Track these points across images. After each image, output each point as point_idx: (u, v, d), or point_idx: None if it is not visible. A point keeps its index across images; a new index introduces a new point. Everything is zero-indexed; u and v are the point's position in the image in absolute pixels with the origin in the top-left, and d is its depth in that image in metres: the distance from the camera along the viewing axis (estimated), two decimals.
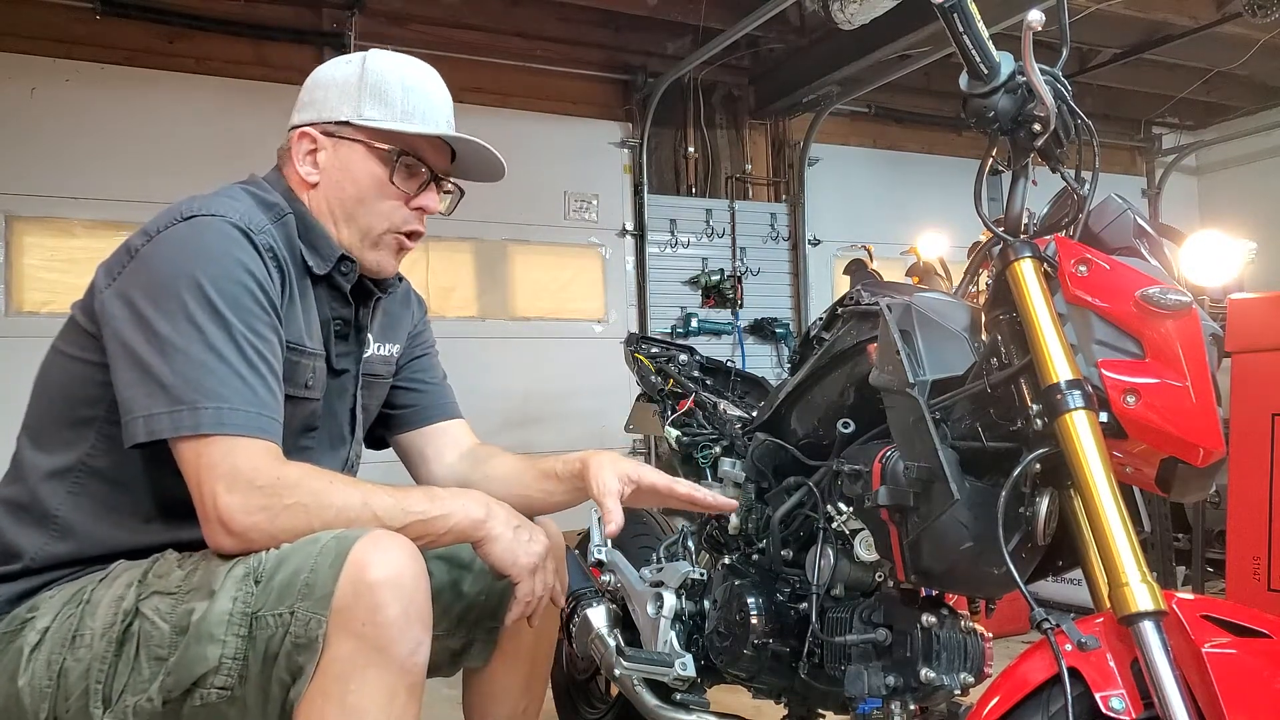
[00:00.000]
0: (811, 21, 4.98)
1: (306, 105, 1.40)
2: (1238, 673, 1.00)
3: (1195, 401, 1.15)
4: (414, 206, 1.41)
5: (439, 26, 4.77)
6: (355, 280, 1.40)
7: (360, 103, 1.37)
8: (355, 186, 1.37)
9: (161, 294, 1.17)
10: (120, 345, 1.18)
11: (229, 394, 1.15)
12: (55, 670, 1.14)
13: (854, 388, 1.51)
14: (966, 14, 1.21)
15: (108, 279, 1.23)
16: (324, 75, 1.41)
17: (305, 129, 1.38)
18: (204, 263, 1.19)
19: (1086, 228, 1.33)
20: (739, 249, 5.53)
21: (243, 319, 1.19)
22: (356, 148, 1.37)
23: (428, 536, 1.22)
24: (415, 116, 1.39)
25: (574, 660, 2.26)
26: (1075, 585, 1.97)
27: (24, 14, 4.10)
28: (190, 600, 1.14)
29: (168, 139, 4.31)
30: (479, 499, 1.27)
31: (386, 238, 1.40)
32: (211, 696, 1.11)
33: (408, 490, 1.25)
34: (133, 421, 1.16)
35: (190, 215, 1.22)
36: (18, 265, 4.12)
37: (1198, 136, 7.00)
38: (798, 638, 1.55)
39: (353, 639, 1.07)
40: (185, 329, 1.16)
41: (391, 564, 1.09)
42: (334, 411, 1.44)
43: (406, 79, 1.40)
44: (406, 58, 1.44)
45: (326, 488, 1.18)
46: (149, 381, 1.15)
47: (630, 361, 2.23)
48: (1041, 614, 1.11)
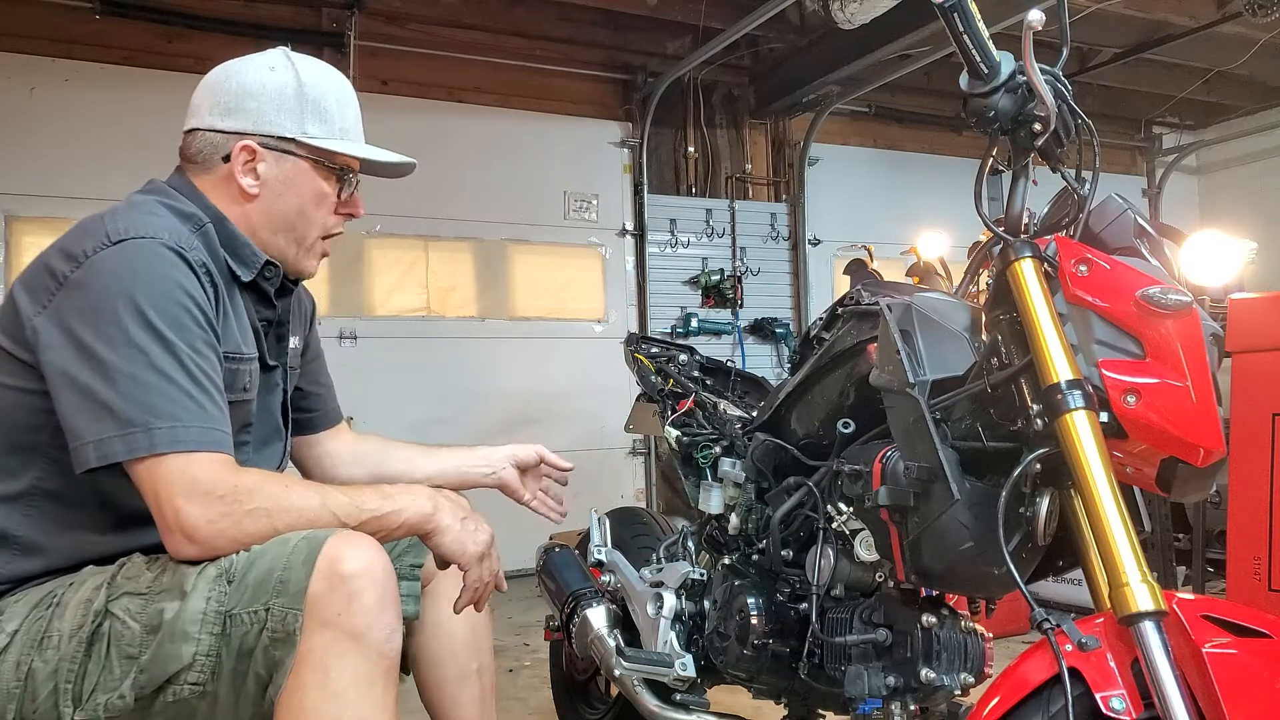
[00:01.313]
0: (811, 21, 4.98)
1: (235, 111, 1.37)
2: (1238, 673, 1.00)
3: (1195, 401, 1.15)
4: (343, 212, 1.46)
5: (439, 26, 4.77)
6: (279, 283, 1.44)
7: (303, 119, 1.39)
8: (298, 199, 1.40)
9: (101, 320, 1.18)
10: (60, 374, 1.18)
11: (179, 412, 1.17)
12: (23, 672, 1.16)
13: (854, 388, 1.51)
14: (967, 14, 1.21)
15: (35, 305, 1.22)
16: (252, 82, 1.38)
17: (247, 142, 1.36)
18: (142, 286, 1.19)
19: (1087, 228, 1.32)
20: (739, 249, 5.53)
21: (184, 339, 1.20)
22: (302, 164, 1.39)
23: (382, 531, 1.27)
24: (350, 134, 1.45)
25: (574, 660, 2.25)
26: (1075, 585, 1.97)
27: (23, 14, 4.09)
28: (161, 600, 1.16)
29: (167, 139, 4.26)
30: (427, 494, 1.33)
31: (317, 245, 1.46)
32: (184, 692, 1.13)
33: (360, 489, 1.30)
34: (82, 448, 1.16)
35: (120, 239, 1.22)
36: (18, 265, 4.12)
37: (1198, 136, 7.00)
38: (798, 638, 1.55)
39: (330, 629, 1.11)
40: (128, 353, 1.17)
41: (363, 557, 1.14)
42: (267, 407, 1.48)
43: (339, 95, 1.44)
44: (324, 65, 1.46)
45: (284, 491, 1.21)
46: (95, 407, 1.16)
47: (630, 361, 2.23)
48: (1042, 614, 1.11)
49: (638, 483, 5.26)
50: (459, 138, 4.87)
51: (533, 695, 2.79)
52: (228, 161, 1.37)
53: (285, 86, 1.39)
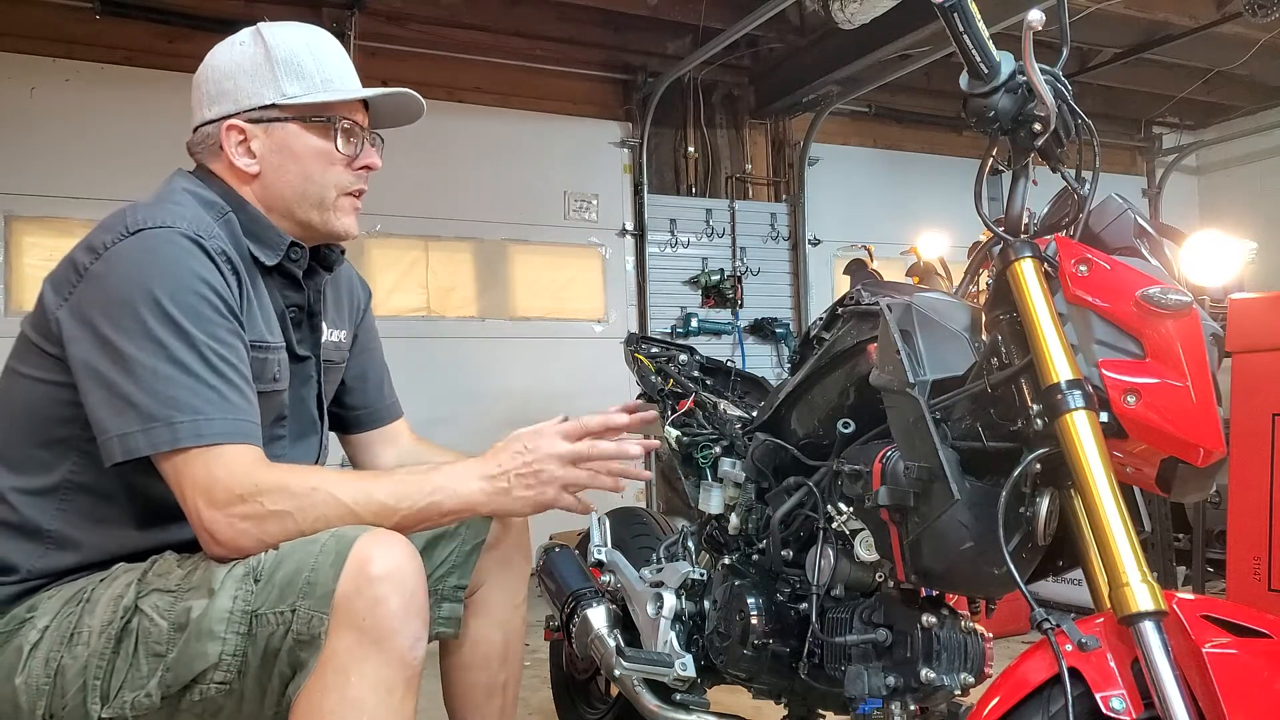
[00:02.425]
0: (811, 21, 4.98)
1: (217, 97, 1.36)
2: (1238, 673, 1.00)
3: (1195, 401, 1.14)
4: (359, 167, 1.40)
5: (439, 26, 4.77)
6: (306, 265, 1.40)
7: (279, 81, 1.34)
8: (299, 164, 1.35)
9: (119, 312, 1.17)
10: (84, 367, 1.18)
11: (201, 405, 1.16)
12: (53, 668, 1.15)
13: (854, 388, 1.51)
14: (966, 14, 1.21)
15: (58, 298, 1.22)
16: (224, 62, 1.37)
17: (231, 122, 1.34)
18: (159, 277, 1.18)
19: (1087, 228, 1.32)
20: (739, 249, 5.53)
21: (204, 329, 1.19)
22: (290, 127, 1.35)
23: (425, 524, 1.25)
24: (336, 82, 1.37)
25: (574, 660, 2.25)
26: (1075, 585, 1.97)
27: (24, 14, 4.09)
28: (189, 598, 1.15)
29: (167, 139, 4.26)
30: (468, 479, 1.28)
31: (341, 200, 1.39)
32: (210, 691, 1.12)
33: (402, 478, 1.26)
34: (108, 442, 1.16)
35: (138, 229, 1.21)
36: (17, 265, 4.12)
37: (1198, 136, 7.00)
38: (798, 638, 1.55)
39: (354, 632, 1.09)
40: (148, 346, 1.16)
41: (392, 559, 1.11)
42: (301, 399, 1.45)
43: (313, 47, 1.38)
44: (296, 24, 1.41)
45: (311, 492, 1.18)
46: (117, 401, 1.16)
47: (630, 361, 2.23)
48: (1042, 614, 1.11)
49: (638, 483, 5.27)
50: (459, 138, 4.87)
51: (533, 695, 2.79)
52: (225, 149, 1.35)
53: (255, 56, 1.35)
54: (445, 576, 1.50)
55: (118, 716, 1.14)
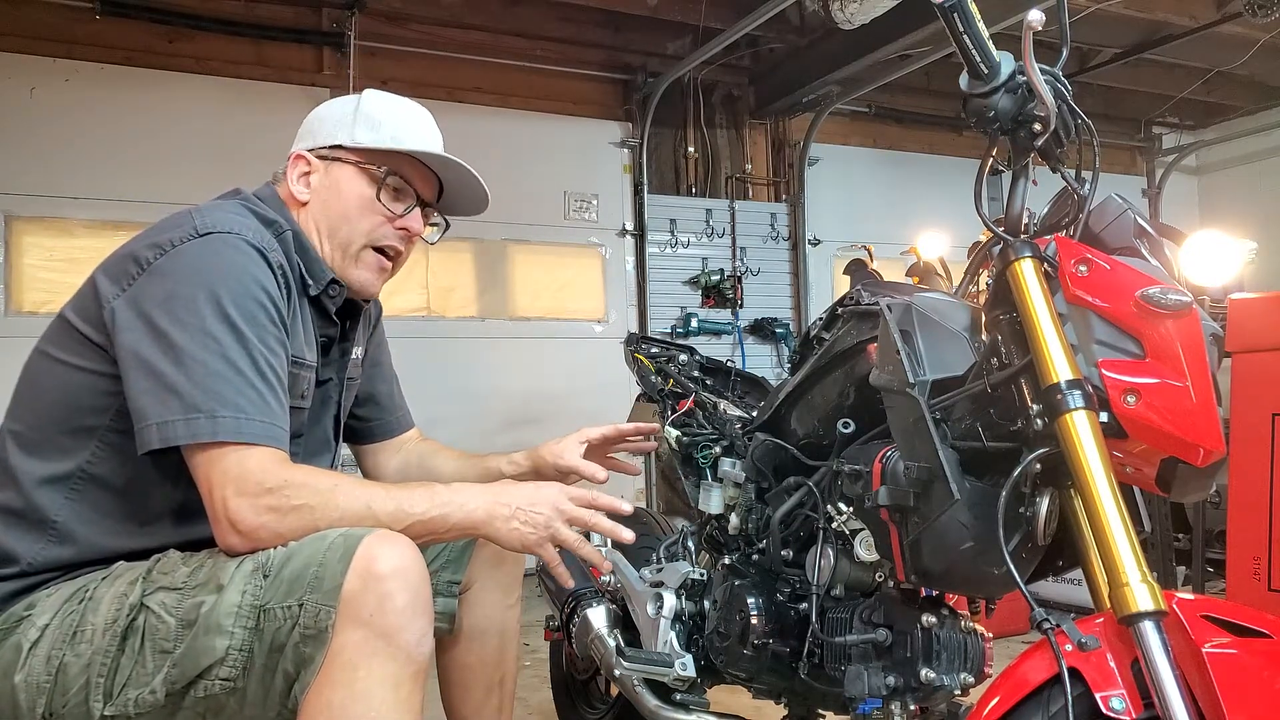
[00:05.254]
0: (811, 21, 4.98)
1: (304, 135, 1.48)
2: (1238, 673, 1.00)
3: (1195, 401, 1.14)
4: (399, 227, 1.47)
5: (439, 26, 4.77)
6: (342, 304, 1.46)
7: (354, 128, 1.44)
8: (341, 202, 1.43)
9: (179, 307, 1.21)
10: (133, 355, 1.21)
11: (245, 404, 1.20)
12: (54, 666, 1.16)
13: (854, 388, 1.51)
14: (966, 14, 1.21)
15: (115, 288, 1.25)
16: (323, 110, 1.51)
17: (300, 152, 1.45)
18: (222, 278, 1.23)
19: (1087, 228, 1.32)
20: (739, 249, 5.53)
21: (257, 333, 1.23)
22: (346, 168, 1.44)
23: (429, 535, 1.27)
24: (405, 141, 1.45)
25: (574, 660, 2.25)
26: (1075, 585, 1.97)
27: (24, 14, 4.10)
28: (198, 595, 1.16)
29: (168, 139, 4.31)
30: (476, 497, 1.31)
31: (366, 254, 1.45)
32: (215, 688, 1.14)
33: (411, 491, 1.29)
34: (146, 429, 1.19)
35: (207, 231, 1.26)
36: (17, 265, 4.13)
37: (1198, 136, 7.00)
38: (798, 638, 1.55)
39: (361, 628, 1.10)
40: (203, 340, 1.20)
41: (398, 557, 1.13)
42: (319, 419, 1.50)
43: (399, 110, 1.49)
44: (403, 98, 1.52)
45: (331, 490, 1.22)
46: (163, 389, 1.18)
47: (630, 361, 2.23)
48: (1041, 614, 1.11)
49: (638, 483, 5.27)
50: (459, 138, 4.83)
51: (533, 695, 2.79)
52: (288, 175, 1.45)
53: (347, 107, 1.48)
54: (439, 572, 1.53)
55: (120, 714, 1.14)
